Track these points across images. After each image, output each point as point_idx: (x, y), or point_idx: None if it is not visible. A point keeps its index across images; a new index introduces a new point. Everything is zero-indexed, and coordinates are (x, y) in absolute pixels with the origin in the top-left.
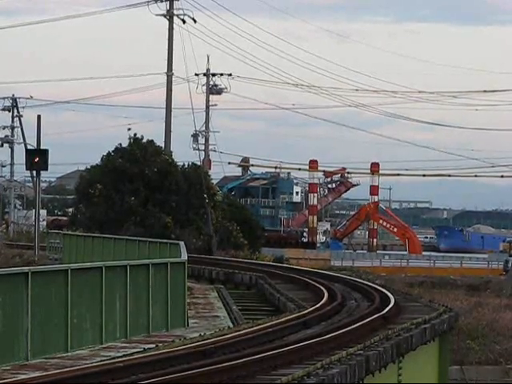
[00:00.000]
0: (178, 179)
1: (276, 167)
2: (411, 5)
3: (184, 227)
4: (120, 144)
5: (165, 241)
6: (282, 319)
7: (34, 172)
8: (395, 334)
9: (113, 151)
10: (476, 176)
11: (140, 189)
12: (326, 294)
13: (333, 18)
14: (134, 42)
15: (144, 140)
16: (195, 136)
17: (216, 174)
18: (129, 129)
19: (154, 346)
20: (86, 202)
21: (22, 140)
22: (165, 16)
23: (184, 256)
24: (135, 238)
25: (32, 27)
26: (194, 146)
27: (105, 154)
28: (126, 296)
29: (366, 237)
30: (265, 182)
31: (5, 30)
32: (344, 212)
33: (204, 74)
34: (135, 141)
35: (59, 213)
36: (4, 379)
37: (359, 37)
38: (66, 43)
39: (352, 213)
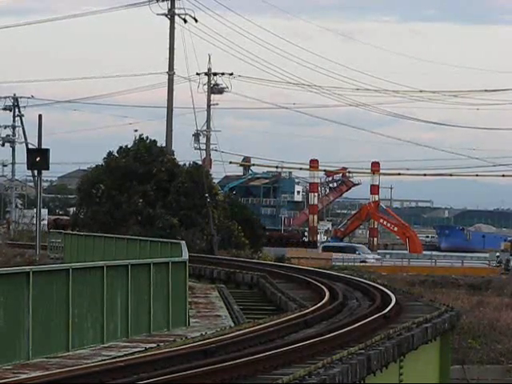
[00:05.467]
0: (185, 180)
1: (277, 166)
2: (416, 5)
3: (188, 227)
4: (126, 146)
5: (166, 240)
6: (283, 318)
7: (36, 171)
8: (396, 333)
9: (117, 151)
10: (477, 175)
11: (150, 190)
12: (327, 294)
13: (338, 18)
14: (137, 42)
15: (148, 140)
16: (196, 135)
17: (217, 173)
18: (135, 130)
19: (155, 345)
20: (88, 201)
21: (23, 139)
22: (166, 15)
23: (185, 255)
24: (136, 237)
25: (33, 26)
26: (196, 145)
27: (106, 153)
28: (127, 295)
29: (367, 236)
30: (266, 181)
31: (7, 29)
32: (345, 211)
33: (205, 74)
34: (140, 141)
35: (60, 212)
36: (5, 378)
37: (364, 36)
38: (67, 42)
39: (353, 212)
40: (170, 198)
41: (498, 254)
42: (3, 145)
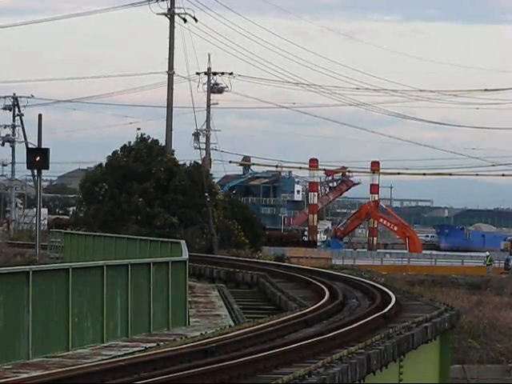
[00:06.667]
0: (184, 179)
1: (277, 166)
2: (418, 4)
3: (187, 226)
4: (129, 142)
5: (166, 239)
6: (283, 318)
7: (35, 171)
8: (396, 332)
9: (121, 149)
10: (477, 175)
11: (149, 189)
12: (327, 293)
13: (340, 18)
14: (137, 41)
15: (149, 140)
16: (196, 135)
17: (217, 172)
18: (138, 128)
19: (155, 344)
20: (89, 199)
21: (23, 139)
22: (166, 15)
23: (185, 255)
24: (136, 236)
25: (33, 26)
26: (196, 144)
27: (107, 152)
28: (127, 295)
29: (367, 235)
30: (266, 180)
31: (6, 29)
32: (345, 211)
33: (205, 73)
34: (142, 140)
35: (60, 212)
36: (5, 378)
37: (366, 36)
38: (67, 42)
39: (353, 211)
40: (167, 197)
41: (487, 252)
42: (3, 144)
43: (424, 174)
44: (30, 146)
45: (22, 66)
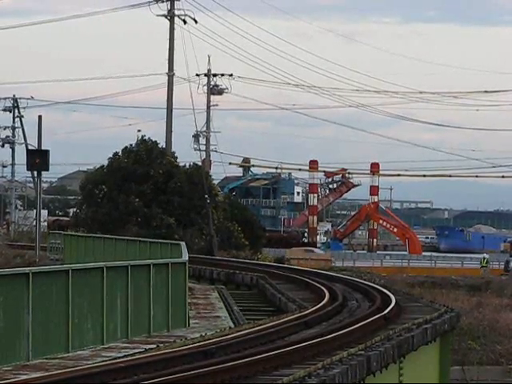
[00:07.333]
0: (182, 180)
1: (277, 167)
2: (417, 6)
3: (186, 228)
4: (131, 144)
5: (166, 241)
6: (283, 319)
7: (35, 172)
8: (396, 334)
9: (122, 151)
10: (477, 176)
11: (147, 190)
12: (327, 295)
13: (339, 19)
14: (137, 42)
15: (149, 141)
16: (196, 136)
17: (217, 174)
18: (139, 130)
19: (154, 346)
20: (89, 201)
21: (23, 140)
22: (166, 16)
23: (185, 256)
24: (136, 238)
25: (33, 27)
26: (195, 146)
27: (107, 154)
28: (127, 296)
29: (367, 237)
30: (266, 182)
31: (6, 30)
32: (345, 212)
33: (205, 75)
34: (142, 142)
35: (60, 213)
36: (5, 379)
37: (365, 37)
38: (67, 43)
39: (352, 213)
40: (163, 197)
41: (485, 254)
42: (3, 146)
43: (424, 176)
44: (29, 147)
45: (23, 67)
